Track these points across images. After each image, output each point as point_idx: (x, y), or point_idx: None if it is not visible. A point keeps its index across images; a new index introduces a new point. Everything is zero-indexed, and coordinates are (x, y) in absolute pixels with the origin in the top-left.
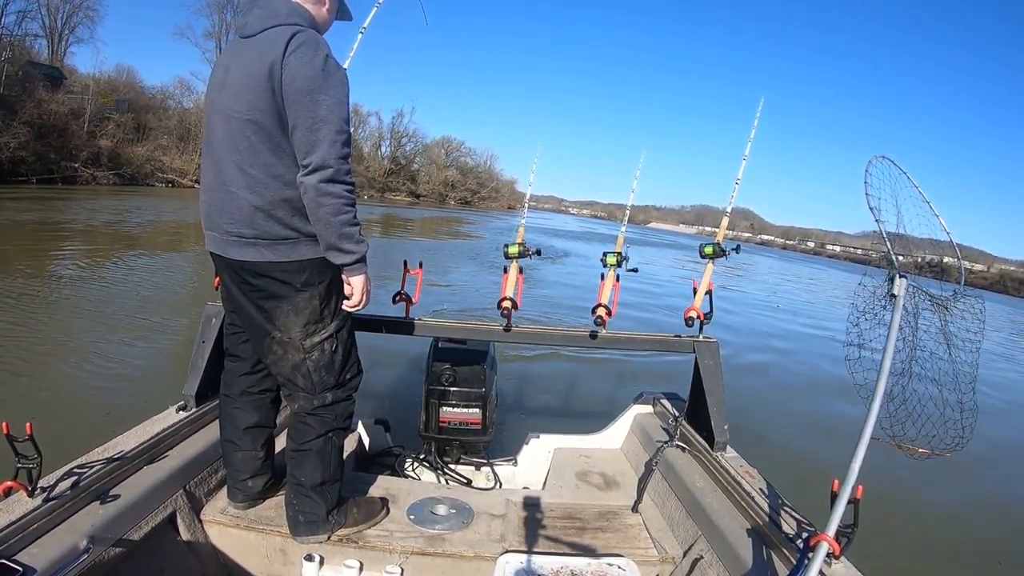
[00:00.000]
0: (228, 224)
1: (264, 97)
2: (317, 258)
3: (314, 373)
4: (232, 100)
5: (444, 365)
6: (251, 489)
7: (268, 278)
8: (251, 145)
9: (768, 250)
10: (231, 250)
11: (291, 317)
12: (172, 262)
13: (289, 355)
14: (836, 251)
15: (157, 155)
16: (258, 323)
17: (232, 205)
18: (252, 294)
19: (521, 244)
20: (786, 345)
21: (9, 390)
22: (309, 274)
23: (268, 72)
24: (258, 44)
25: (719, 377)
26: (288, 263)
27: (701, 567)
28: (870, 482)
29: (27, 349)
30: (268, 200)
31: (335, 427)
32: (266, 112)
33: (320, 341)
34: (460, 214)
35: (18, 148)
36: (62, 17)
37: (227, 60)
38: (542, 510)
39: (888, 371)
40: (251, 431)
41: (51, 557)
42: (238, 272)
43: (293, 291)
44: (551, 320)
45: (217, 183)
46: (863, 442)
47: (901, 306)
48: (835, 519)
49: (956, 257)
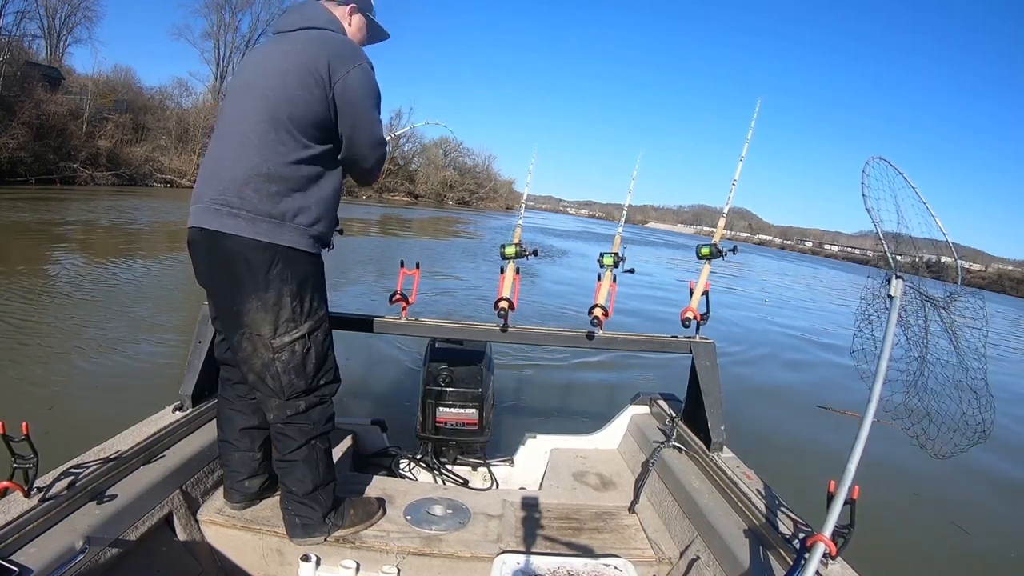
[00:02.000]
0: (216, 193)
1: (301, 84)
2: (296, 250)
3: (283, 375)
4: (268, 78)
5: (441, 365)
6: (248, 489)
7: (240, 261)
8: (271, 120)
9: (766, 250)
10: (210, 219)
11: (260, 313)
12: (171, 262)
13: (259, 352)
14: (834, 251)
15: (156, 156)
16: (231, 314)
17: (227, 173)
18: (224, 279)
19: (518, 245)
20: (783, 344)
21: (8, 389)
22: (283, 267)
23: (314, 64)
24: (303, 37)
25: (716, 378)
26: (265, 245)
27: (698, 567)
28: (867, 483)
29: (27, 348)
30: (267, 171)
31: (315, 434)
32: (296, 99)
33: (291, 341)
34: (458, 214)
35: (17, 148)
36: (60, 17)
37: (264, 50)
38: (539, 510)
39: (884, 372)
40: (248, 432)
41: (47, 557)
42: (213, 251)
43: (262, 283)
44: (551, 318)
45: (218, 154)
46: (860, 443)
47: (898, 307)
48: (831, 519)
49: (954, 257)
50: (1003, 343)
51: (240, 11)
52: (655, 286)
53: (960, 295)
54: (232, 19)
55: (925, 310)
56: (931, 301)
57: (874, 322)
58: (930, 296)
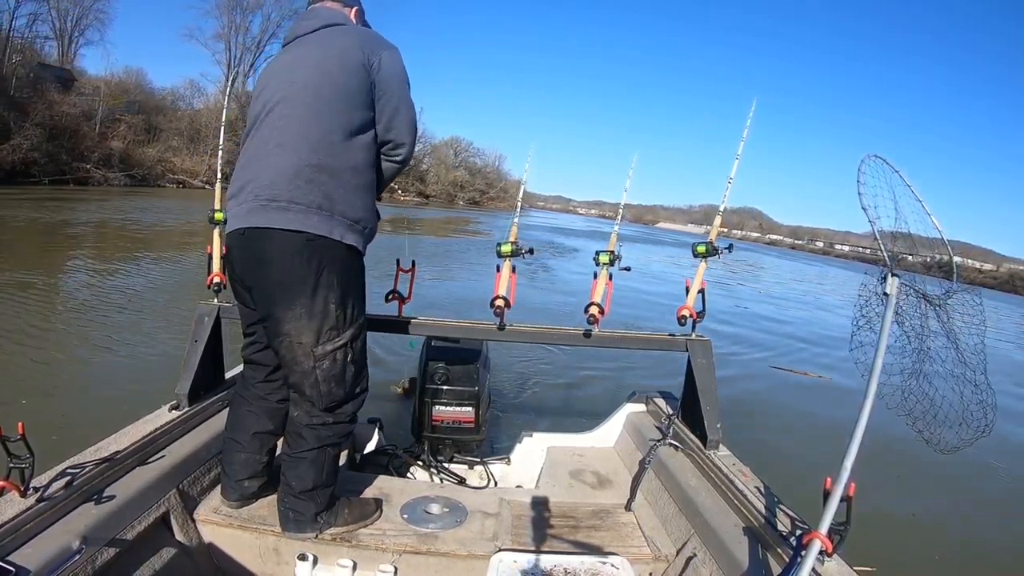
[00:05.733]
0: (262, 189)
1: (344, 70)
2: (344, 247)
3: (322, 384)
4: (308, 73)
5: (437, 364)
6: (247, 489)
7: (287, 262)
8: (318, 111)
9: (775, 249)
10: (255, 217)
11: (303, 321)
12: (183, 260)
13: (298, 361)
14: (845, 250)
15: (168, 156)
16: (273, 320)
17: (272, 169)
18: (268, 282)
19: (514, 243)
20: (780, 343)
21: (6, 389)
22: (328, 271)
23: (351, 52)
24: (331, 32)
25: (712, 376)
26: (314, 243)
27: (694, 565)
28: (863, 480)
29: (27, 347)
30: (316, 161)
31: (331, 442)
32: (336, 86)
33: (333, 350)
34: (469, 214)
35: (31, 150)
36: (72, 19)
37: (293, 52)
38: (536, 509)
39: (880, 369)
40: (260, 437)
41: (44, 557)
42: (259, 252)
43: (309, 289)
44: (552, 318)
45: (261, 152)
46: (856, 440)
47: (894, 304)
48: (828, 517)
49: (949, 255)
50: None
51: (251, 12)
52: (656, 282)
53: (956, 292)
54: (243, 20)
55: (922, 307)
56: (927, 298)
57: (872, 319)
58: (926, 293)
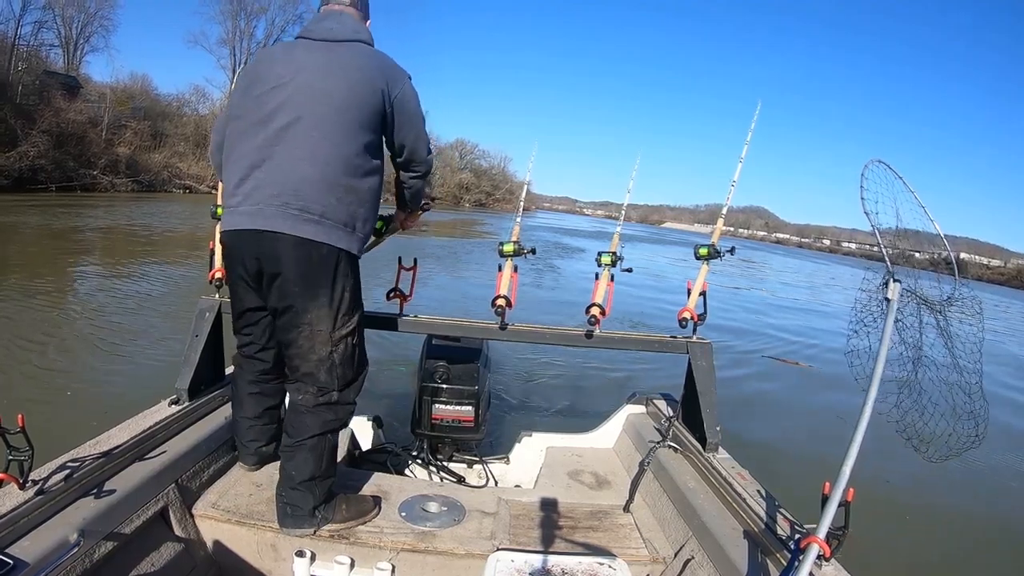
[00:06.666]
0: (290, 197)
1: (370, 93)
2: (358, 255)
3: (339, 366)
4: (337, 85)
5: (438, 362)
6: (264, 452)
7: (316, 262)
8: (347, 132)
9: (781, 248)
10: (282, 223)
11: (324, 310)
12: (192, 265)
13: (317, 348)
14: (852, 248)
15: (174, 162)
16: (290, 313)
17: (298, 177)
18: (291, 281)
19: (516, 242)
20: (780, 345)
21: (5, 389)
22: (345, 265)
23: (375, 79)
24: (358, 50)
25: (712, 378)
26: (340, 251)
27: (692, 567)
28: (861, 485)
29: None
30: (347, 182)
31: (332, 427)
32: (362, 109)
33: (347, 334)
34: (475, 216)
35: (37, 156)
36: (77, 27)
37: (318, 55)
38: (534, 508)
39: (880, 376)
40: (269, 412)
41: (42, 550)
42: (283, 254)
43: (333, 284)
44: (552, 317)
45: (285, 158)
46: (855, 445)
47: (895, 310)
48: (826, 521)
49: (951, 257)
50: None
51: (255, 17)
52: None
53: (957, 300)
54: (247, 26)
55: (920, 313)
56: (928, 304)
57: (870, 325)
58: (927, 299)
